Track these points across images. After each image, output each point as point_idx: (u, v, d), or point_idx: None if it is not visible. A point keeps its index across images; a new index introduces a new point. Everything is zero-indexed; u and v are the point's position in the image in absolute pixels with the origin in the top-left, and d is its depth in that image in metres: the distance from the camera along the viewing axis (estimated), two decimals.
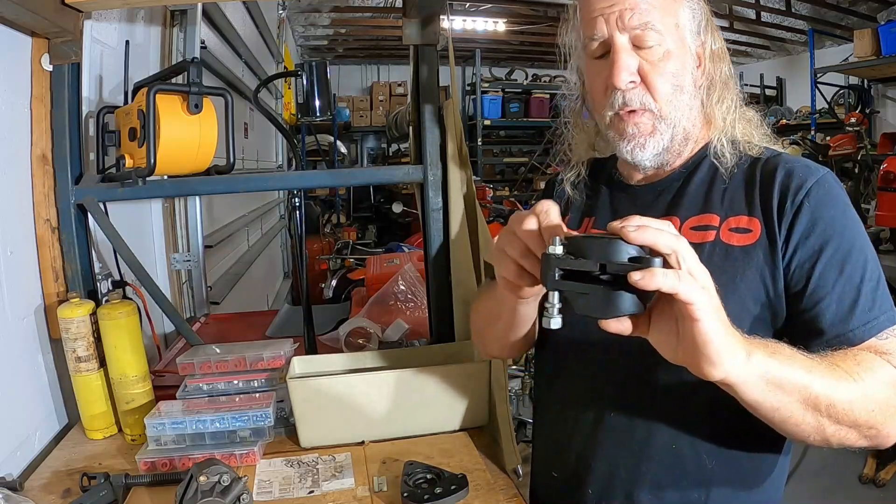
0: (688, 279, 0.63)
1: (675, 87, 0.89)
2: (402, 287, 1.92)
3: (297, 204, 1.56)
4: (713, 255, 0.86)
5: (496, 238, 0.81)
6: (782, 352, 0.74)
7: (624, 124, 0.91)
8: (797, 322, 0.84)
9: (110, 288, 1.52)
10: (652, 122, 0.90)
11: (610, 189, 1.03)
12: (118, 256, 1.48)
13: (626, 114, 0.90)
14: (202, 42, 2.43)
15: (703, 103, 0.94)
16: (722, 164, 0.91)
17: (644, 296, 0.66)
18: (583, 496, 0.94)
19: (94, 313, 1.26)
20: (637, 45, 0.88)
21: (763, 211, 0.87)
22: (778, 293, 0.85)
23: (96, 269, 1.46)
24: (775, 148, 0.95)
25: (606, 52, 0.90)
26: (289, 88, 5.75)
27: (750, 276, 0.85)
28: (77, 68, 1.37)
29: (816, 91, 7.20)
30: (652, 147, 0.91)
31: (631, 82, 0.88)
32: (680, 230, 0.89)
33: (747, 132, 0.94)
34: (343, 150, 8.30)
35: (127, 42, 1.73)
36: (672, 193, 0.95)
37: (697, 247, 0.85)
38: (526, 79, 9.45)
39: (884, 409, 0.76)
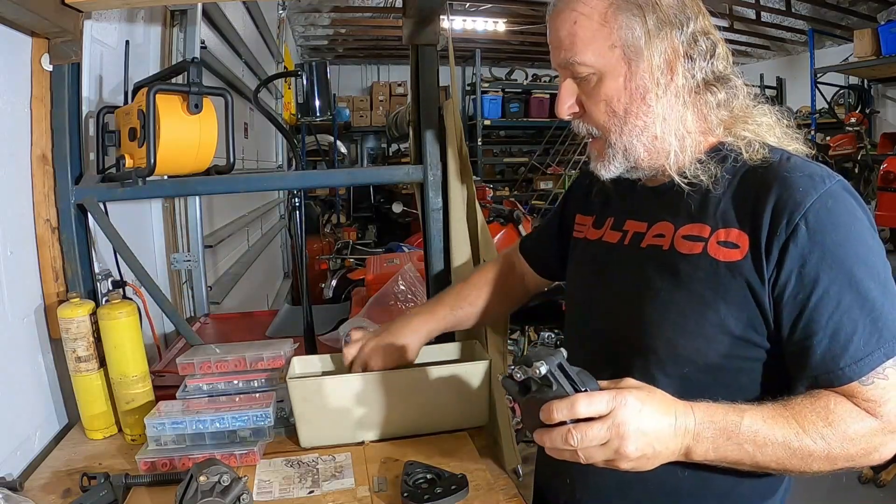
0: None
1: (609, 112, 0.88)
2: (402, 287, 1.92)
3: (297, 204, 1.56)
4: (698, 269, 0.85)
5: None
6: (735, 434, 0.76)
7: (588, 150, 0.97)
8: (787, 352, 0.82)
9: (110, 288, 1.51)
10: (601, 148, 0.93)
11: (623, 191, 1.02)
12: (118, 256, 1.48)
13: (586, 140, 0.95)
14: (202, 42, 2.43)
15: (692, 106, 0.89)
16: (711, 174, 0.87)
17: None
18: (570, 498, 1.00)
19: (94, 313, 1.26)
20: (574, 77, 0.90)
21: (752, 225, 0.82)
22: (763, 312, 0.82)
23: (96, 269, 1.46)
24: (786, 149, 0.89)
25: None
26: (289, 88, 5.75)
27: (732, 295, 0.82)
28: (77, 68, 1.37)
29: (816, 91, 7.21)
30: (605, 170, 0.93)
31: (572, 113, 0.92)
32: (673, 237, 0.90)
33: (755, 133, 0.89)
34: (343, 150, 8.31)
35: (127, 42, 1.73)
36: (669, 198, 0.92)
37: (685, 258, 0.88)
38: (526, 79, 9.47)
39: (849, 459, 0.77)
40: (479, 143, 8.73)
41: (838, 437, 0.76)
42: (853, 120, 6.62)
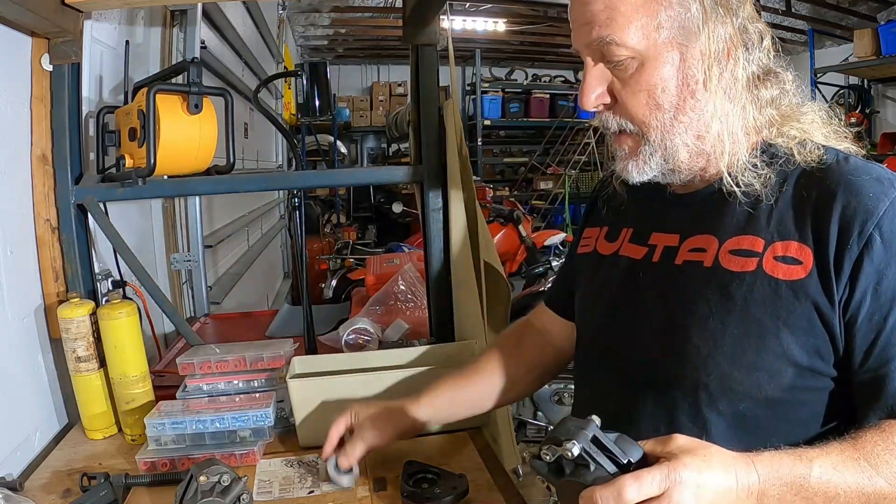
0: None
1: (651, 105, 0.77)
2: (402, 287, 1.92)
3: (297, 204, 1.56)
4: (754, 289, 0.74)
5: None
6: (804, 488, 0.66)
7: (614, 146, 0.83)
8: (857, 380, 0.73)
9: (110, 288, 1.52)
10: (636, 145, 0.80)
11: (644, 198, 0.92)
12: (118, 256, 1.48)
13: (614, 135, 0.82)
14: (202, 42, 2.43)
15: (742, 102, 0.78)
16: (763, 179, 0.77)
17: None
18: None
19: (94, 313, 1.26)
20: (607, 61, 0.77)
21: (816, 237, 0.73)
22: (833, 337, 0.72)
23: (96, 269, 1.46)
24: (839, 148, 0.80)
25: None
26: (289, 88, 5.75)
27: (797, 319, 0.72)
28: (77, 68, 1.37)
29: (816, 91, 7.20)
30: (637, 171, 0.81)
31: (601, 104, 0.80)
32: (717, 253, 0.79)
33: (803, 131, 0.80)
34: (343, 150, 8.30)
35: (127, 42, 1.73)
36: (711, 208, 0.82)
37: (736, 276, 0.76)
38: (526, 79, 9.45)
39: None
40: (479, 143, 8.72)
41: None
42: (853, 120, 6.63)
